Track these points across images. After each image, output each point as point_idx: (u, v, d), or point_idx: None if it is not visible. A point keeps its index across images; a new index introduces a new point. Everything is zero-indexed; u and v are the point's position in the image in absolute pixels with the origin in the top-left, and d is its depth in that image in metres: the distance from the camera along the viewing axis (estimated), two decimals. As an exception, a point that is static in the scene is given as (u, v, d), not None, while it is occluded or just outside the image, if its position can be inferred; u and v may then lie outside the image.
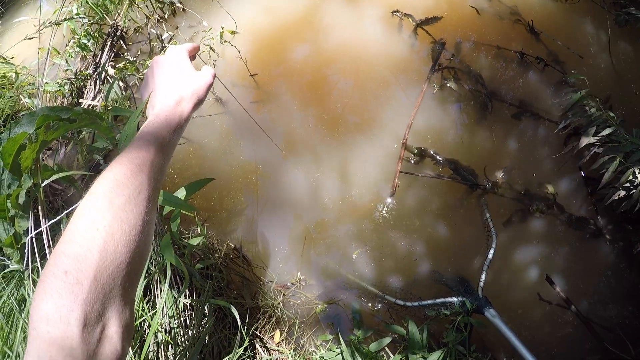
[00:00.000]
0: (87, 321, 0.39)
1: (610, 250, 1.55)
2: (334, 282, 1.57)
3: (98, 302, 0.40)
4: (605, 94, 1.76)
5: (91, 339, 0.39)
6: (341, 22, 2.05)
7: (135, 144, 0.53)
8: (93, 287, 0.40)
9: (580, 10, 1.98)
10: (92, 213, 0.45)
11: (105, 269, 0.42)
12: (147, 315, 1.29)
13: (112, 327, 0.42)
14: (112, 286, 0.42)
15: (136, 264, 0.46)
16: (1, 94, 2.13)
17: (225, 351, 1.37)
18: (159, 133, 0.56)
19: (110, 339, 0.41)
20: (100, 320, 0.41)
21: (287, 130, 1.82)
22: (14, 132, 1.19)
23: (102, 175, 0.49)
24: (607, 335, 1.43)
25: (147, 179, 0.50)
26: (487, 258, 1.49)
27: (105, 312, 0.41)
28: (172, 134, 0.57)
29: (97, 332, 0.40)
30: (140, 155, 0.51)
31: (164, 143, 0.55)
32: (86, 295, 0.39)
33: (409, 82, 1.87)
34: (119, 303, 0.43)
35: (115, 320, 0.42)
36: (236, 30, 1.84)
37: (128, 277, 0.45)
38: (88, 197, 0.47)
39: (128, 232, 0.45)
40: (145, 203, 0.49)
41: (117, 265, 0.43)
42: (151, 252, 1.34)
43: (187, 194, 1.20)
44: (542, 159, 1.69)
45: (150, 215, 0.50)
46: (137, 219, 0.47)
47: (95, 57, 2.07)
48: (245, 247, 1.64)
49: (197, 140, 1.84)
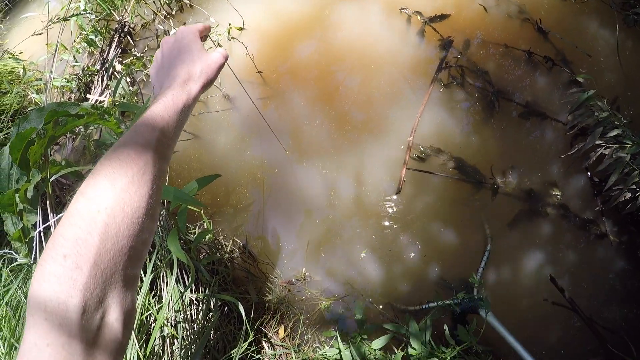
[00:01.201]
0: (86, 308, 0.37)
1: (615, 251, 1.55)
2: (338, 278, 1.58)
3: (98, 287, 0.39)
4: (613, 95, 1.75)
5: (90, 326, 0.38)
6: (348, 19, 2.05)
7: (140, 123, 0.51)
8: (93, 272, 0.39)
9: (589, 9, 1.97)
10: (93, 194, 0.43)
11: (106, 253, 0.40)
12: (153, 309, 1.30)
13: (112, 314, 0.40)
14: (114, 271, 0.41)
15: (139, 248, 0.44)
16: (9, 90, 2.15)
17: (230, 346, 1.39)
18: (165, 113, 0.53)
19: (110, 326, 0.40)
20: (101, 306, 0.39)
21: (293, 127, 1.82)
22: (22, 128, 1.20)
23: (105, 156, 0.47)
24: (610, 336, 1.43)
25: (152, 159, 0.48)
26: (483, 261, 1.53)
27: (105, 298, 0.40)
28: (178, 114, 0.55)
29: (96, 318, 0.38)
30: (145, 135, 0.49)
31: (170, 123, 0.53)
32: (86, 280, 0.38)
33: (416, 80, 1.87)
34: (120, 289, 0.41)
35: (116, 307, 0.41)
36: (243, 27, 1.84)
37: (130, 262, 0.43)
38: (90, 178, 0.45)
39: (131, 214, 0.43)
40: (149, 184, 0.47)
41: (118, 249, 0.41)
42: (157, 247, 1.36)
43: (194, 190, 1.21)
44: (548, 159, 1.69)
45: (154, 198, 0.47)
46: (141, 200, 0.45)
47: (103, 52, 2.08)
48: (251, 243, 1.65)
49: (204, 136, 1.85)
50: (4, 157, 1.30)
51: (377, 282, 1.56)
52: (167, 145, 0.52)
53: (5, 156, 1.29)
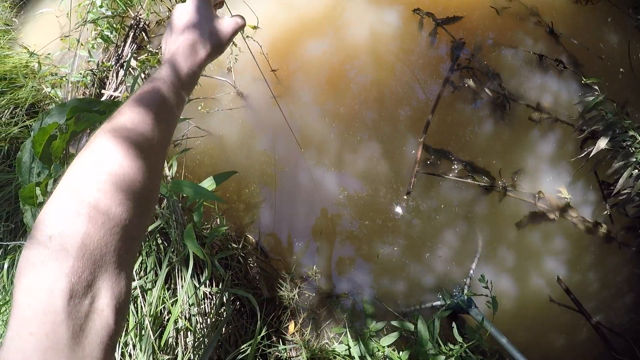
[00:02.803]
0: (73, 292, 0.34)
1: (622, 255, 1.56)
2: (348, 276, 1.61)
3: (87, 270, 0.35)
4: (623, 99, 1.76)
5: (78, 312, 0.34)
6: (361, 19, 2.06)
7: (141, 91, 0.47)
8: (80, 253, 0.35)
9: (601, 13, 1.97)
10: (84, 169, 0.40)
11: (95, 232, 0.37)
12: (168, 302, 1.33)
13: (103, 299, 0.36)
14: (104, 252, 0.37)
15: (134, 226, 0.40)
16: (24, 84, 2.18)
17: (242, 339, 1.42)
18: (167, 78, 0.50)
19: (100, 313, 0.36)
20: (90, 291, 0.35)
21: (304, 125, 1.84)
22: (45, 123, 1.23)
23: (101, 127, 0.43)
24: (616, 340, 1.45)
25: (151, 130, 0.45)
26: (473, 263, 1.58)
27: (95, 281, 0.36)
28: (183, 80, 0.52)
29: (85, 304, 0.35)
30: (144, 103, 0.46)
31: (172, 89, 0.50)
32: (72, 262, 0.35)
33: (428, 81, 1.89)
34: (112, 271, 0.38)
35: (107, 291, 0.37)
36: (258, 26, 1.86)
37: (124, 242, 0.39)
38: (81, 152, 0.41)
39: (124, 189, 0.40)
40: (146, 157, 0.43)
41: (109, 228, 0.38)
42: (173, 242, 1.39)
43: (212, 186, 1.23)
44: (557, 161, 1.70)
45: (152, 171, 0.44)
46: (136, 174, 0.41)
47: (118, 49, 2.11)
48: (263, 239, 1.68)
49: (217, 133, 1.88)
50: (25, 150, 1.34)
51: (386, 280, 1.59)
52: (169, 115, 0.48)
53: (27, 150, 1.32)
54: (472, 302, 1.47)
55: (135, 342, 1.27)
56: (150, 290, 1.35)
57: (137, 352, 1.25)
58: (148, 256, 1.41)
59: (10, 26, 2.72)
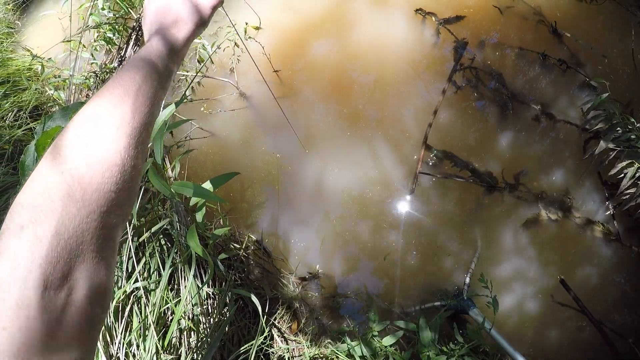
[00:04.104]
0: (47, 284, 0.32)
1: (626, 255, 1.56)
2: (351, 276, 1.61)
3: (62, 260, 0.33)
4: (627, 99, 1.76)
5: (53, 305, 0.32)
6: (364, 19, 2.06)
7: (120, 73, 0.45)
8: (55, 242, 0.33)
9: (605, 12, 1.96)
10: (58, 153, 0.38)
11: (70, 220, 0.35)
12: (171, 302, 1.34)
13: (80, 291, 0.35)
14: (81, 241, 0.35)
15: (113, 213, 0.38)
16: (28, 86, 2.20)
17: (245, 339, 1.42)
18: (148, 58, 0.48)
19: (78, 305, 0.34)
20: (66, 282, 0.34)
21: (308, 125, 1.85)
22: (48, 126, 1.24)
23: (80, 111, 0.42)
24: (619, 341, 1.44)
25: (131, 111, 0.42)
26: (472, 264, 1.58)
27: (72, 272, 0.34)
28: (165, 59, 0.49)
29: (61, 296, 0.33)
30: (123, 85, 0.44)
31: (153, 69, 0.47)
32: (46, 252, 0.33)
33: (431, 81, 1.89)
34: (90, 261, 0.36)
35: (85, 282, 0.35)
36: (260, 26, 1.86)
37: (102, 230, 0.37)
38: (57, 136, 0.40)
39: (101, 173, 0.38)
40: (125, 139, 0.41)
41: (85, 215, 0.36)
42: (175, 242, 1.39)
43: (213, 187, 1.24)
44: (560, 162, 1.70)
45: (132, 153, 0.41)
46: (114, 157, 0.39)
47: (120, 50, 2.12)
48: (266, 239, 1.68)
49: (220, 133, 1.88)
50: (29, 154, 1.35)
51: (389, 280, 1.59)
52: (150, 96, 0.46)
53: (30, 153, 1.33)
54: (472, 303, 1.47)
55: (139, 342, 1.28)
56: (154, 290, 1.36)
57: (140, 352, 1.26)
58: (151, 257, 1.42)
59: (13, 29, 2.74)
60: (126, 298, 1.35)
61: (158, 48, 0.50)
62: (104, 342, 1.24)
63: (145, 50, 0.49)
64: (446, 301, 1.49)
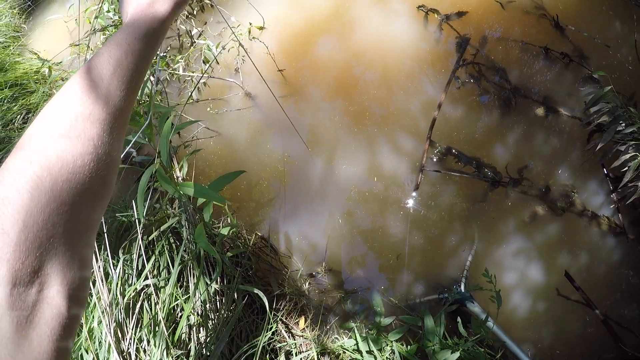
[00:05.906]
0: (16, 280, 0.31)
1: (631, 248, 1.56)
2: (358, 272, 1.63)
3: (31, 255, 0.32)
4: (630, 91, 1.75)
5: (23, 302, 0.31)
6: (367, 16, 2.07)
7: (93, 58, 0.43)
8: (22, 236, 0.32)
9: (607, 4, 1.95)
10: (26, 143, 0.36)
11: (39, 212, 0.33)
12: (181, 299, 1.37)
13: (53, 287, 0.33)
14: (51, 234, 0.33)
15: (86, 205, 0.37)
16: (36, 89, 2.23)
17: (253, 335, 1.45)
18: (124, 40, 0.45)
19: (50, 301, 0.33)
20: (37, 278, 0.32)
21: (313, 123, 1.87)
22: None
23: (52, 98, 0.40)
24: (625, 334, 1.44)
25: (104, 96, 0.40)
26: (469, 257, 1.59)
27: (42, 267, 0.33)
28: (142, 41, 0.46)
29: (31, 293, 0.32)
30: (96, 70, 0.41)
31: (130, 51, 0.44)
32: (14, 247, 0.31)
33: (435, 77, 1.89)
34: (62, 255, 0.34)
35: (58, 277, 0.34)
36: (264, 26, 1.88)
37: (75, 223, 0.36)
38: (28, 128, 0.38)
39: (72, 163, 0.36)
40: (97, 126, 0.39)
41: (56, 207, 0.34)
42: (184, 240, 1.42)
43: (218, 186, 1.26)
44: (565, 156, 1.70)
45: (105, 139, 0.40)
46: (86, 146, 0.37)
47: (126, 52, 2.14)
48: (273, 237, 1.70)
49: (226, 133, 1.91)
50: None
51: (395, 276, 1.61)
52: (127, 80, 0.44)
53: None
54: (470, 296, 1.49)
55: (149, 337, 1.31)
56: (164, 287, 1.39)
57: (151, 348, 1.29)
58: (161, 255, 1.45)
59: (20, 32, 2.77)
60: (137, 295, 1.38)
61: (134, 29, 0.46)
62: (115, 338, 1.27)
63: (122, 32, 0.46)
64: (447, 295, 1.50)
